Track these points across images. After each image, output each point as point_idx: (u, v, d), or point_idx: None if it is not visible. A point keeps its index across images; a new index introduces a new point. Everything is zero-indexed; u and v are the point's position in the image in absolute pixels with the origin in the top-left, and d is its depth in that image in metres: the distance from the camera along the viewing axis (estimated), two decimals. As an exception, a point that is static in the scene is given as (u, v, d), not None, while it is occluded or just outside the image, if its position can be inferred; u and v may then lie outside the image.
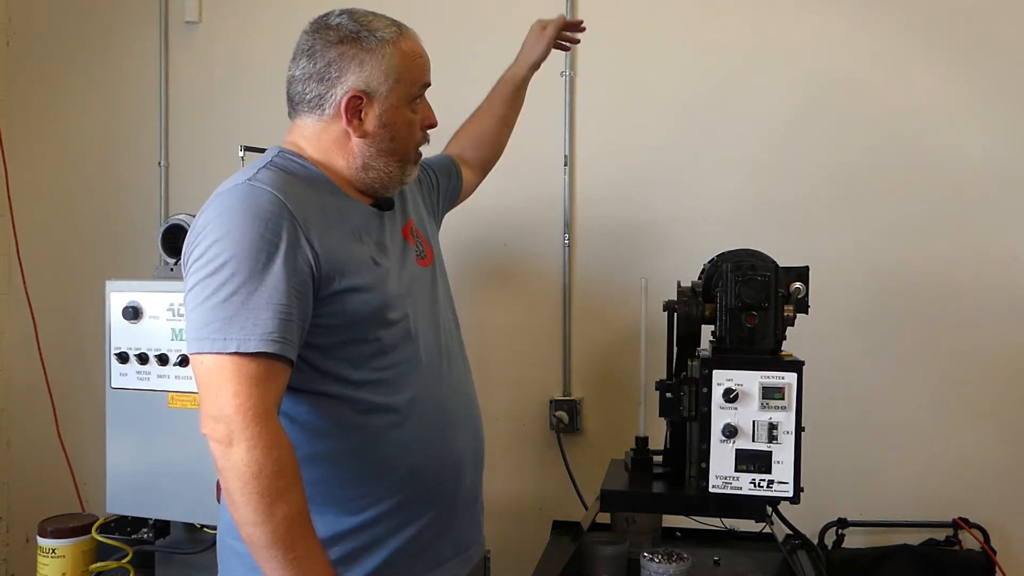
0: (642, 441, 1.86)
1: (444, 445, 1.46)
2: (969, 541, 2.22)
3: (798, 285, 1.62)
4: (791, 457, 1.55)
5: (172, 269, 2.13)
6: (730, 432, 1.55)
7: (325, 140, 1.42)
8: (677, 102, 2.40)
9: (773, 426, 1.55)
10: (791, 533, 1.82)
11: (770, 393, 1.55)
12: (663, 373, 1.75)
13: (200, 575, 1.99)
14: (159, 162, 2.76)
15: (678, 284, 1.74)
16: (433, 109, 1.50)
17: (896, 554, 2.21)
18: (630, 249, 2.42)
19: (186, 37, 2.75)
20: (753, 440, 1.55)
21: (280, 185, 1.31)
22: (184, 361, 1.99)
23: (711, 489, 1.57)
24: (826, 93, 2.31)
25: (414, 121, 1.45)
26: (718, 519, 1.91)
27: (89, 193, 2.85)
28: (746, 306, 1.58)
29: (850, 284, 2.28)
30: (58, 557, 2.08)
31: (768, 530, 1.84)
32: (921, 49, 2.26)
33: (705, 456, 1.57)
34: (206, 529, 2.01)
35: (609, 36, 2.39)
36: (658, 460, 1.84)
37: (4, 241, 2.88)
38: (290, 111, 1.46)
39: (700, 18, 2.38)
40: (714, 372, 1.57)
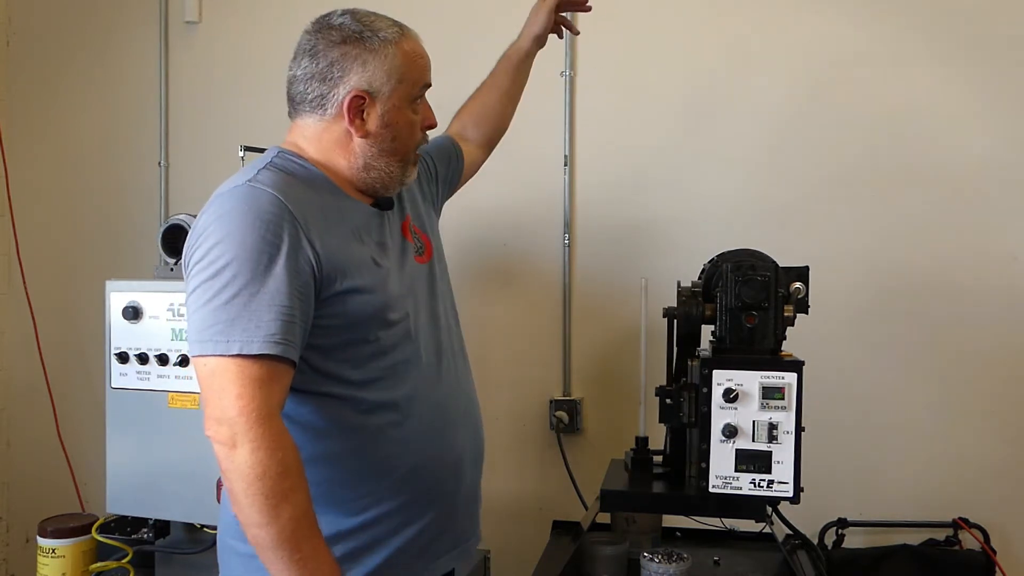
0: (642, 441, 1.86)
1: (444, 444, 1.47)
2: (969, 541, 2.22)
3: (798, 285, 1.62)
4: (791, 457, 1.55)
5: (172, 269, 2.13)
6: (730, 432, 1.55)
7: (326, 140, 1.42)
8: (677, 102, 2.40)
9: (773, 426, 1.55)
10: (791, 533, 1.82)
11: (770, 393, 1.55)
12: (663, 373, 1.75)
13: (200, 575, 1.99)
14: (159, 162, 2.76)
15: (678, 284, 1.73)
16: (432, 109, 1.50)
17: (896, 554, 2.21)
18: (630, 249, 2.42)
19: (186, 37, 2.75)
20: (753, 440, 1.55)
21: (281, 186, 1.31)
22: (184, 361, 1.99)
23: (711, 489, 1.57)
24: (826, 93, 2.31)
25: (415, 121, 1.46)
26: (718, 519, 1.91)
27: (89, 193, 2.85)
28: (746, 306, 1.58)
29: (850, 284, 2.28)
30: (58, 557, 2.07)
31: (768, 530, 1.84)
32: (921, 49, 2.26)
33: (705, 456, 1.57)
34: (206, 529, 2.01)
35: (609, 36, 2.39)
36: (658, 460, 1.84)
37: (4, 241, 2.88)
38: (290, 111, 1.46)
39: (700, 18, 2.38)
40: (714, 372, 1.57)
